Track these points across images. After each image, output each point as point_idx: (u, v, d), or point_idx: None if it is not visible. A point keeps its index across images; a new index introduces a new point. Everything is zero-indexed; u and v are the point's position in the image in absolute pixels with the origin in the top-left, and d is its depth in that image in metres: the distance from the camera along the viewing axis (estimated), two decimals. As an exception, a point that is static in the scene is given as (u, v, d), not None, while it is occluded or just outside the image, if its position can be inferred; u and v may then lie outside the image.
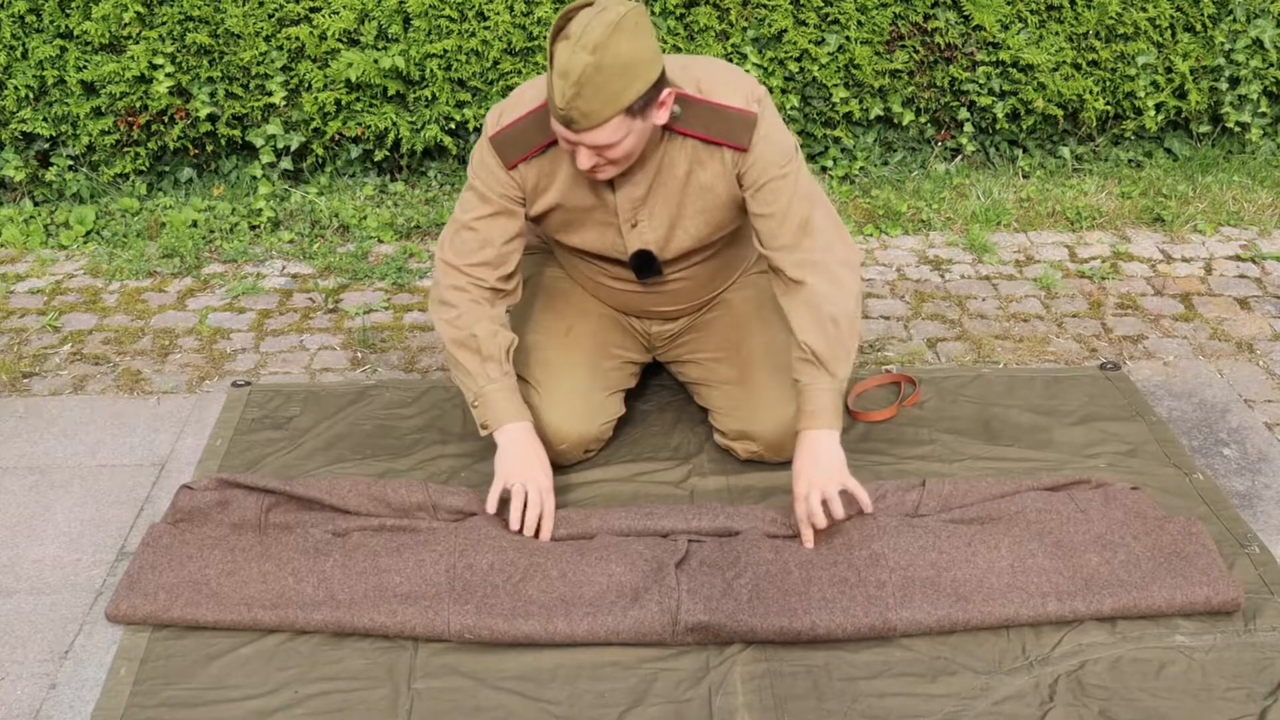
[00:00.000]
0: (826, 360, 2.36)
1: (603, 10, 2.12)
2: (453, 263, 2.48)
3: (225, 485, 2.52)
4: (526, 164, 2.42)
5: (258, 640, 2.20)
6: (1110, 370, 3.11)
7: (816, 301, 2.38)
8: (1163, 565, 2.27)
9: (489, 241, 2.47)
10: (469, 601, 2.20)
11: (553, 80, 2.14)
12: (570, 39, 2.11)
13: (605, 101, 2.14)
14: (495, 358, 2.46)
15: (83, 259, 3.86)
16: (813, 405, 2.38)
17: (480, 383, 2.46)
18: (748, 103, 2.34)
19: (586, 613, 2.18)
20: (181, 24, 3.99)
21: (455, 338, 2.47)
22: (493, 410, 2.46)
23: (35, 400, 3.05)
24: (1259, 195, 4.17)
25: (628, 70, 2.13)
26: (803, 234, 2.41)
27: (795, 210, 2.40)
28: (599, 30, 2.09)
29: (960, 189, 4.25)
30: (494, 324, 2.47)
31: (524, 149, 2.39)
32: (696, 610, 2.16)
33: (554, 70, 2.13)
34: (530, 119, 2.37)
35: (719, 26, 4.12)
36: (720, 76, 2.37)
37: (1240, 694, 2.07)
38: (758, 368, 2.67)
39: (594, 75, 2.10)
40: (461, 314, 2.47)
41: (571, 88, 2.12)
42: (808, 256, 2.40)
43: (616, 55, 2.11)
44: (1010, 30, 4.19)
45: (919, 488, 2.48)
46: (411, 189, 4.30)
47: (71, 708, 2.09)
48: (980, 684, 2.10)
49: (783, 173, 2.39)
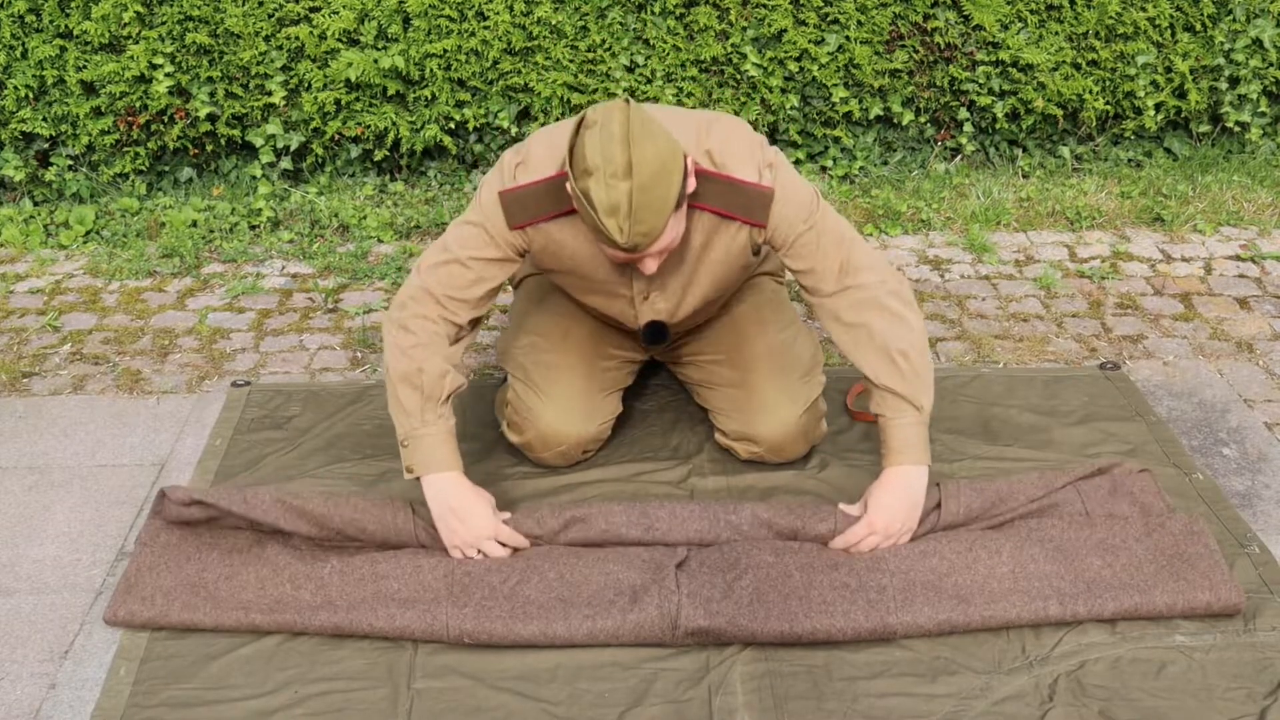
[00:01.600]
0: (907, 394, 2.33)
1: (605, 127, 2.08)
2: (432, 291, 2.37)
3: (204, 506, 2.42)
4: (534, 229, 2.36)
5: (258, 640, 2.20)
6: (1110, 370, 3.11)
7: (880, 341, 2.33)
8: (1165, 568, 2.27)
9: (480, 281, 2.38)
10: (467, 605, 2.20)
11: (601, 222, 2.09)
12: (597, 174, 2.07)
13: (658, 212, 2.10)
14: (436, 398, 2.34)
15: (82, 259, 3.86)
16: (899, 440, 2.34)
17: (413, 423, 2.34)
18: (761, 173, 2.30)
19: (586, 615, 2.18)
20: (181, 24, 3.98)
21: (401, 370, 2.34)
22: (421, 456, 2.34)
23: (35, 400, 3.05)
24: (1259, 195, 4.17)
25: (663, 173, 2.09)
26: (845, 276, 2.36)
27: (831, 257, 2.36)
28: (619, 152, 2.05)
29: (960, 189, 4.25)
30: (447, 364, 2.37)
31: (532, 215, 2.33)
32: (697, 615, 2.16)
33: (598, 212, 2.08)
34: (542, 188, 2.30)
35: (719, 26, 4.12)
36: (731, 144, 2.31)
37: (1240, 694, 2.07)
38: (758, 370, 2.66)
39: (641, 197, 2.07)
40: (418, 345, 2.35)
41: (626, 220, 2.08)
42: (859, 296, 2.36)
43: (649, 167, 2.07)
44: (1010, 30, 4.19)
45: (935, 510, 2.41)
46: (411, 189, 4.30)
47: (71, 708, 2.09)
48: (980, 684, 2.10)
49: (809, 226, 2.34)
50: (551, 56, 4.10)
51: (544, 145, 2.32)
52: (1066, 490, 2.48)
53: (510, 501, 2.57)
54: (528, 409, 2.64)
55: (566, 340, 2.70)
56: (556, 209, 2.31)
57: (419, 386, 2.34)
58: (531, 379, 2.66)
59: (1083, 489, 2.49)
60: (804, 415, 2.63)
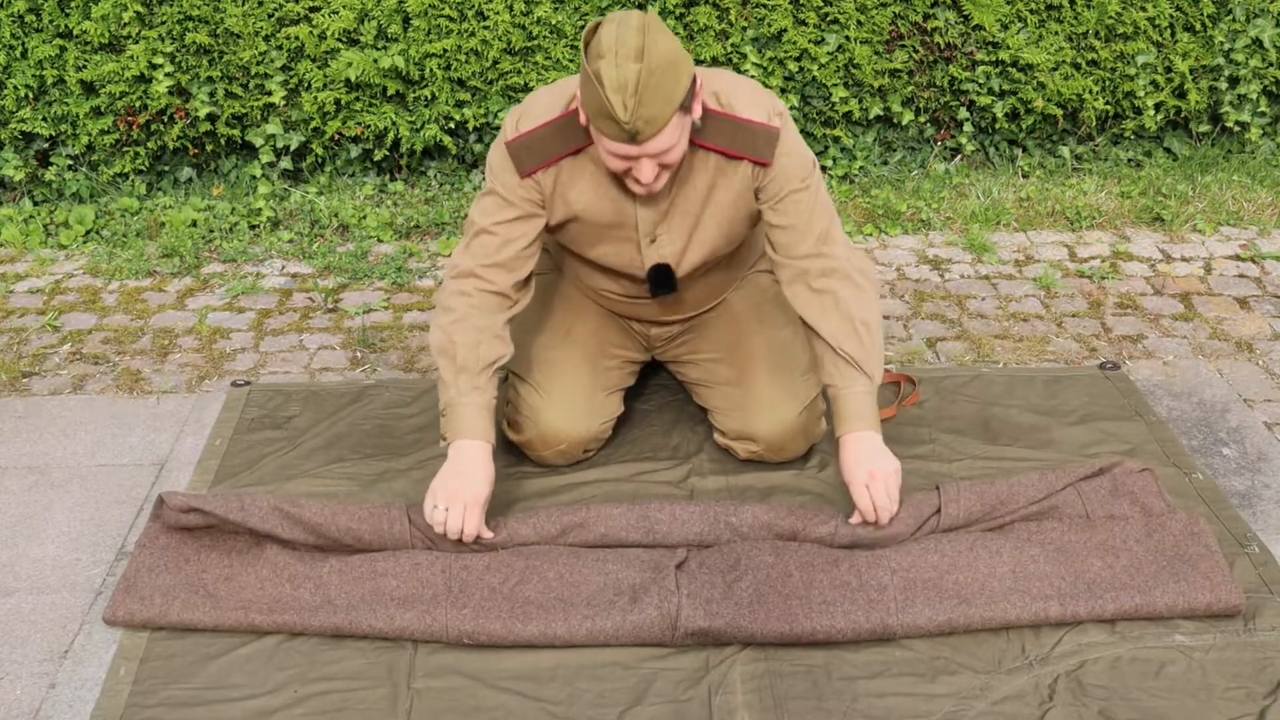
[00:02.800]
0: (863, 362, 2.37)
1: (622, 22, 2.12)
2: (464, 267, 2.41)
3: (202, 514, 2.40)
4: (544, 173, 2.38)
5: (257, 640, 2.20)
6: (1110, 370, 3.11)
7: (846, 308, 2.37)
8: (1165, 569, 2.27)
9: (509, 242, 2.41)
10: (466, 605, 2.20)
11: (607, 97, 2.10)
12: (609, 55, 2.10)
13: (663, 103, 2.12)
14: (469, 369, 2.36)
15: (82, 259, 3.86)
16: (854, 409, 2.37)
17: (451, 393, 2.37)
18: (769, 117, 2.33)
19: (586, 616, 2.18)
20: (181, 24, 3.99)
21: (439, 344, 2.40)
22: (454, 423, 2.36)
23: (35, 400, 3.05)
24: (1259, 195, 4.17)
25: (673, 66, 2.12)
26: (822, 244, 2.40)
27: (816, 222, 2.40)
28: (634, 38, 2.09)
29: (960, 189, 4.25)
30: (481, 334, 2.38)
31: (541, 158, 2.36)
32: (696, 616, 2.16)
33: (606, 88, 2.10)
34: (549, 129, 2.34)
35: (719, 26, 4.12)
36: (739, 90, 2.35)
37: (1240, 693, 2.07)
38: (757, 368, 2.66)
39: (649, 79, 2.09)
40: (456, 319, 2.39)
41: (632, 98, 2.09)
42: (830, 264, 2.40)
43: (660, 55, 2.10)
44: (1010, 30, 4.19)
45: (935, 515, 2.40)
46: (411, 188, 4.30)
47: (71, 707, 2.09)
48: (980, 684, 2.10)
49: (804, 185, 2.38)
50: (551, 56, 4.10)
51: (544, 95, 2.38)
52: (1067, 491, 2.47)
53: (510, 501, 2.58)
54: (529, 407, 2.64)
55: (569, 338, 2.70)
56: (564, 148, 2.35)
57: (453, 357, 2.37)
58: (533, 376, 2.66)
59: (1083, 490, 2.48)
60: (803, 413, 2.63)
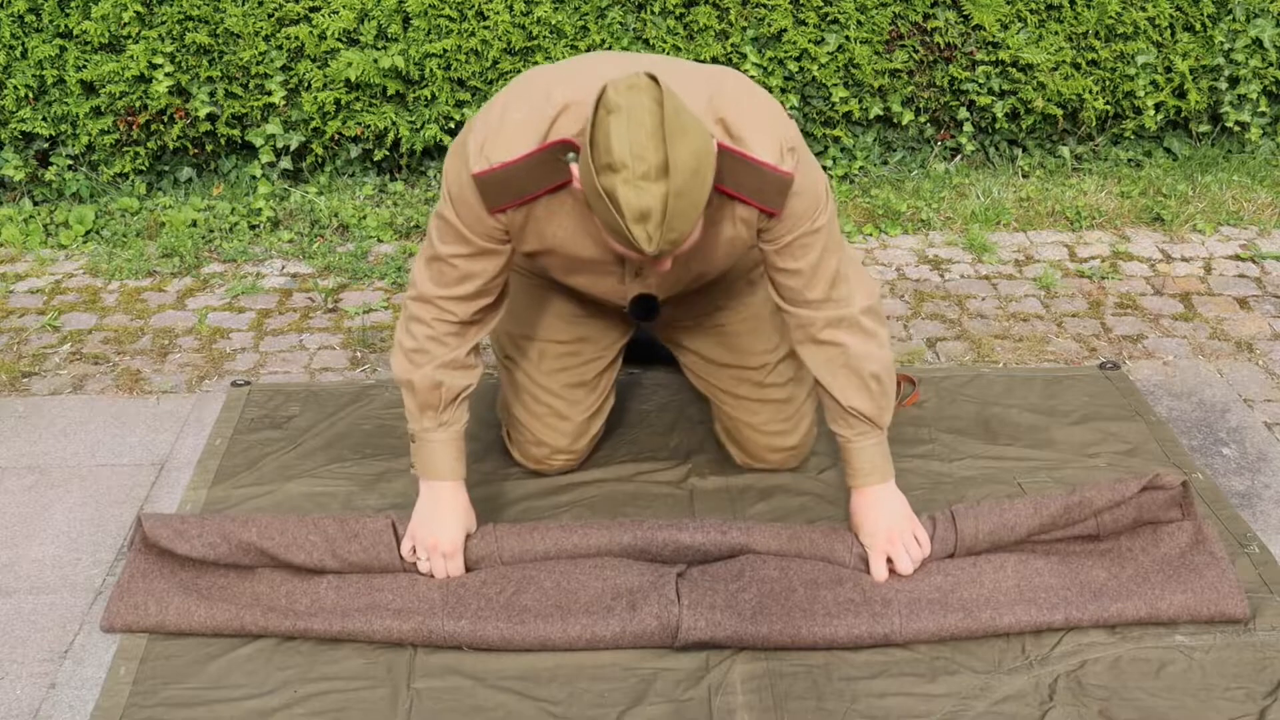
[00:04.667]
0: (874, 417, 2.26)
1: (631, 116, 1.80)
2: (423, 290, 2.20)
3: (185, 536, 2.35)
4: (515, 210, 2.10)
5: (257, 640, 2.20)
6: (1110, 370, 3.11)
7: (856, 363, 2.21)
8: (1171, 579, 2.25)
9: (469, 276, 2.17)
10: (463, 616, 2.18)
11: (629, 229, 1.84)
12: (624, 171, 1.80)
13: (691, 217, 1.87)
14: (432, 406, 2.23)
15: (82, 259, 3.86)
16: (866, 463, 2.29)
17: (414, 427, 2.27)
18: (782, 154, 2.03)
19: (584, 624, 2.16)
20: (181, 23, 3.98)
21: (400, 372, 2.25)
22: (422, 459, 2.28)
23: (35, 400, 3.04)
24: (1259, 195, 4.17)
25: (699, 173, 1.85)
26: (833, 288, 2.18)
27: (826, 264, 2.16)
28: (652, 148, 1.80)
29: (960, 189, 4.25)
30: (441, 373, 2.21)
31: (514, 196, 2.06)
32: (698, 628, 2.14)
33: (626, 217, 1.83)
34: (523, 165, 2.02)
35: (718, 26, 4.12)
36: (749, 115, 2.04)
37: (1240, 693, 2.06)
38: (759, 409, 2.58)
39: (676, 202, 1.83)
40: (416, 350, 2.22)
41: (658, 228, 1.84)
42: (837, 313, 2.19)
43: (686, 164, 1.82)
44: (1010, 30, 4.19)
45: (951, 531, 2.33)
46: (411, 188, 4.30)
47: (71, 707, 2.09)
48: (980, 684, 2.09)
49: (814, 226, 2.12)
50: (551, 56, 4.10)
51: (515, 111, 2.03)
52: (1087, 523, 2.37)
53: (509, 501, 2.58)
54: (515, 429, 2.61)
55: (542, 363, 2.54)
56: (541, 186, 2.05)
57: (413, 391, 2.24)
58: (514, 408, 2.60)
59: (1103, 521, 2.36)
60: (802, 439, 2.63)
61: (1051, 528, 2.36)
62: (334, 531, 2.31)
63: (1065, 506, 2.35)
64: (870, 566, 2.29)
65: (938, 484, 2.64)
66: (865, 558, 2.31)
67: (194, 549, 2.31)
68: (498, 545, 2.32)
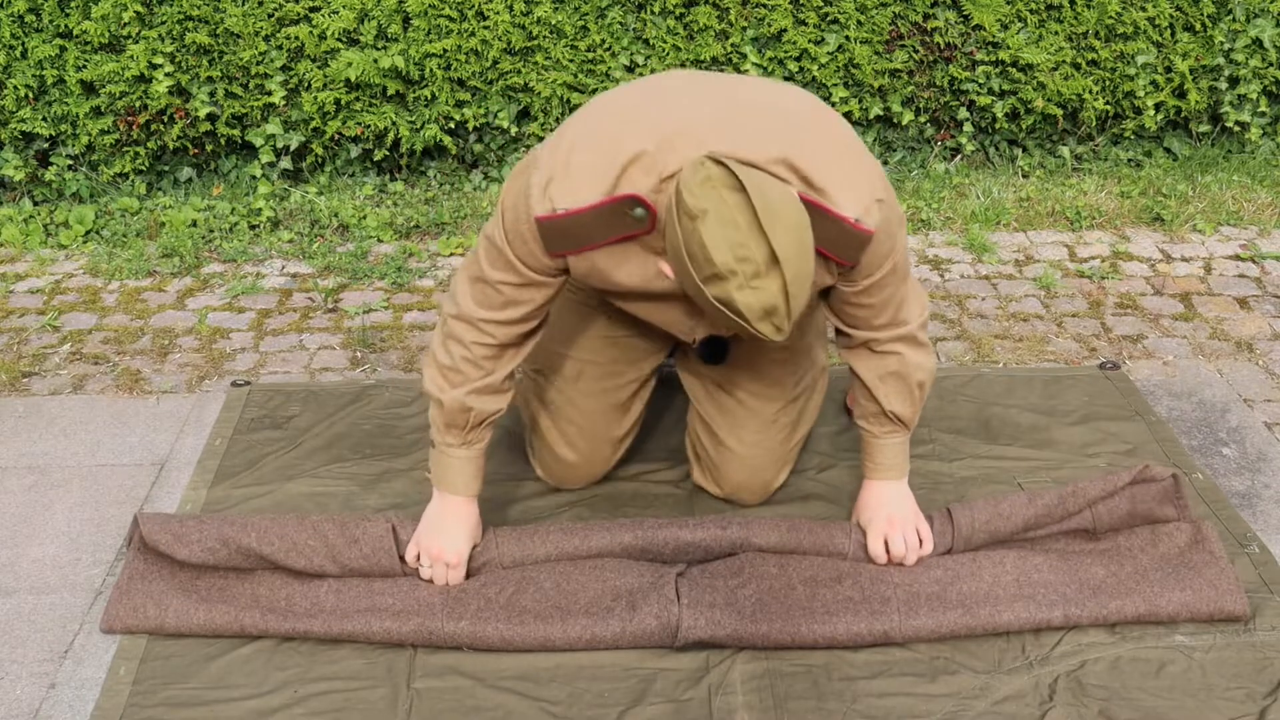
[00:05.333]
0: (908, 421, 2.31)
1: (722, 217, 1.75)
2: (464, 310, 2.13)
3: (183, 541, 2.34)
4: (577, 257, 2.03)
5: (257, 640, 2.20)
6: (1110, 370, 3.11)
7: (907, 371, 2.24)
8: (1170, 576, 2.26)
9: (512, 304, 2.11)
10: (463, 617, 2.19)
11: (756, 329, 1.81)
12: (735, 278, 1.77)
13: (807, 291, 1.84)
14: (458, 427, 2.20)
15: (82, 259, 3.86)
16: (888, 459, 2.34)
17: (438, 440, 2.25)
18: (867, 210, 1.95)
19: (584, 625, 2.17)
20: (181, 23, 3.99)
21: (431, 387, 2.21)
22: (440, 470, 2.26)
23: (35, 400, 3.04)
24: (1259, 195, 4.17)
25: (805, 249, 1.81)
26: (896, 312, 2.19)
27: (895, 296, 2.16)
28: (756, 246, 1.75)
29: (960, 189, 4.25)
30: (471, 398, 2.17)
31: (577, 244, 1.98)
32: (698, 627, 2.14)
33: (751, 320, 1.80)
34: (591, 215, 1.92)
35: (719, 26, 4.12)
36: (834, 163, 1.94)
37: (1240, 693, 2.07)
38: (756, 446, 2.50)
39: (794, 288, 1.79)
40: (449, 369, 2.18)
41: (785, 319, 1.81)
42: (899, 331, 2.21)
43: (793, 251, 1.77)
44: (1010, 30, 4.19)
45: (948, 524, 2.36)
46: (411, 188, 4.30)
47: (71, 707, 2.09)
48: (980, 684, 2.10)
49: (889, 267, 2.08)
50: (551, 56, 4.10)
51: (585, 154, 1.94)
52: (1082, 515, 2.40)
53: (511, 502, 2.58)
54: (543, 452, 2.56)
55: (579, 381, 2.48)
56: (604, 238, 1.97)
57: (441, 407, 2.20)
58: (539, 424, 2.53)
59: (1097, 511, 2.39)
60: (783, 481, 2.58)
61: (1047, 519, 2.37)
62: (334, 537, 2.30)
63: (1059, 497, 2.38)
64: (868, 545, 2.32)
65: (938, 484, 2.64)
66: (864, 545, 2.33)
67: (192, 554, 2.31)
68: (498, 551, 2.32)
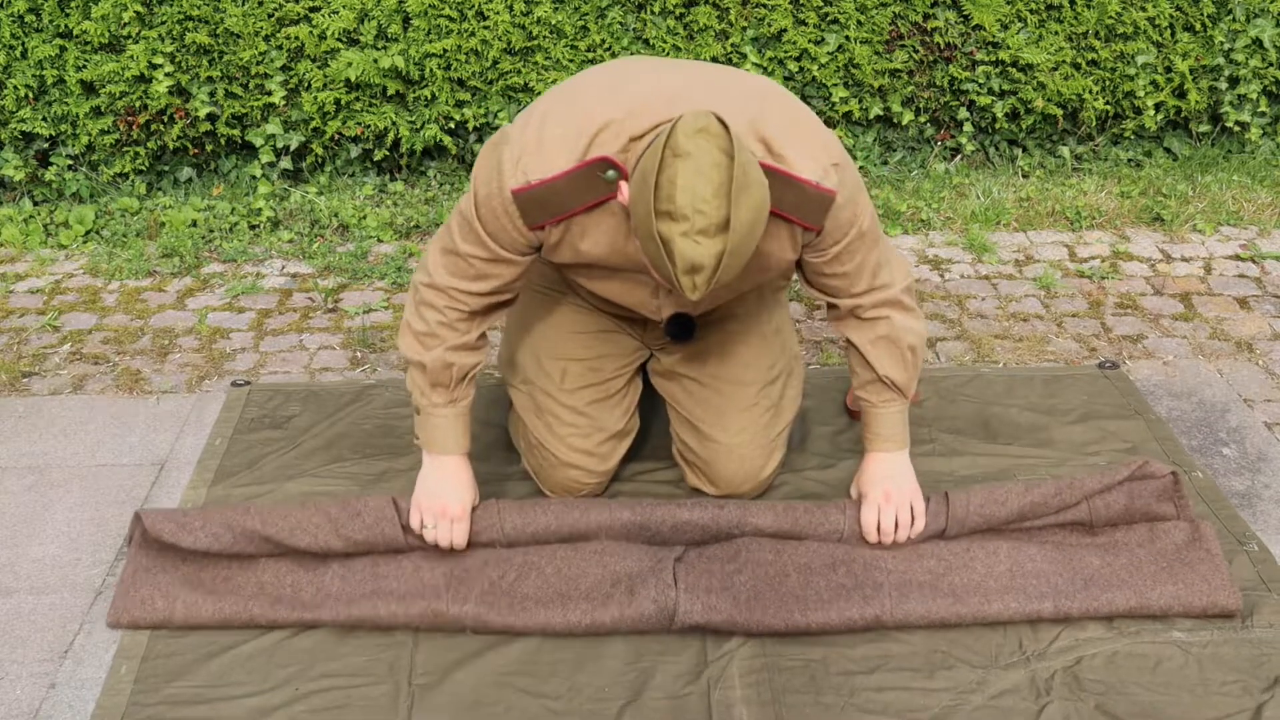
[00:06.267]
0: (905, 387, 2.34)
1: (699, 166, 1.78)
2: (437, 280, 2.20)
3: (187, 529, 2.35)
4: (553, 227, 2.08)
5: (258, 637, 2.21)
6: (1109, 369, 3.11)
7: (897, 335, 2.28)
8: (1164, 570, 2.27)
9: (483, 278, 2.17)
10: (467, 600, 2.22)
11: (678, 278, 1.86)
12: (684, 223, 1.80)
13: (738, 268, 1.88)
14: (443, 384, 2.25)
15: (82, 259, 3.86)
16: (887, 428, 2.36)
17: (423, 402, 2.28)
18: (825, 173, 2.02)
19: (584, 610, 2.20)
20: (181, 23, 3.99)
21: (409, 351, 2.25)
22: (428, 432, 2.30)
23: (35, 400, 3.05)
24: (1259, 195, 4.17)
25: (755, 227, 1.85)
26: (875, 277, 2.23)
27: (868, 261, 2.20)
28: (716, 205, 1.79)
29: (960, 189, 4.25)
30: (452, 354, 2.23)
31: (552, 213, 2.04)
32: (694, 612, 2.17)
33: (677, 266, 1.84)
34: (562, 183, 2.00)
35: (719, 26, 4.12)
36: (793, 134, 2.02)
37: (1236, 688, 2.07)
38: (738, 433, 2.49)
39: (729, 259, 1.84)
40: (426, 334, 2.23)
41: (706, 281, 1.85)
42: (882, 296, 2.25)
43: (745, 224, 1.82)
44: (1010, 30, 4.19)
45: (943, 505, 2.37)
46: (411, 188, 4.30)
47: (71, 707, 2.09)
48: (977, 678, 2.10)
49: (857, 231, 2.14)
50: (551, 56, 4.11)
51: (555, 126, 2.01)
52: (1079, 507, 2.40)
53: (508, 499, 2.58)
54: (538, 452, 2.53)
55: (565, 380, 2.49)
56: (579, 204, 2.03)
57: (423, 368, 2.25)
58: (540, 434, 2.51)
59: (1094, 505, 2.39)
60: (774, 470, 2.57)
61: (1043, 508, 2.38)
62: (336, 512, 2.33)
63: (1057, 488, 2.39)
64: (860, 516, 2.34)
65: (938, 483, 2.64)
66: (859, 519, 2.34)
67: (198, 541, 2.32)
68: (500, 519, 2.35)
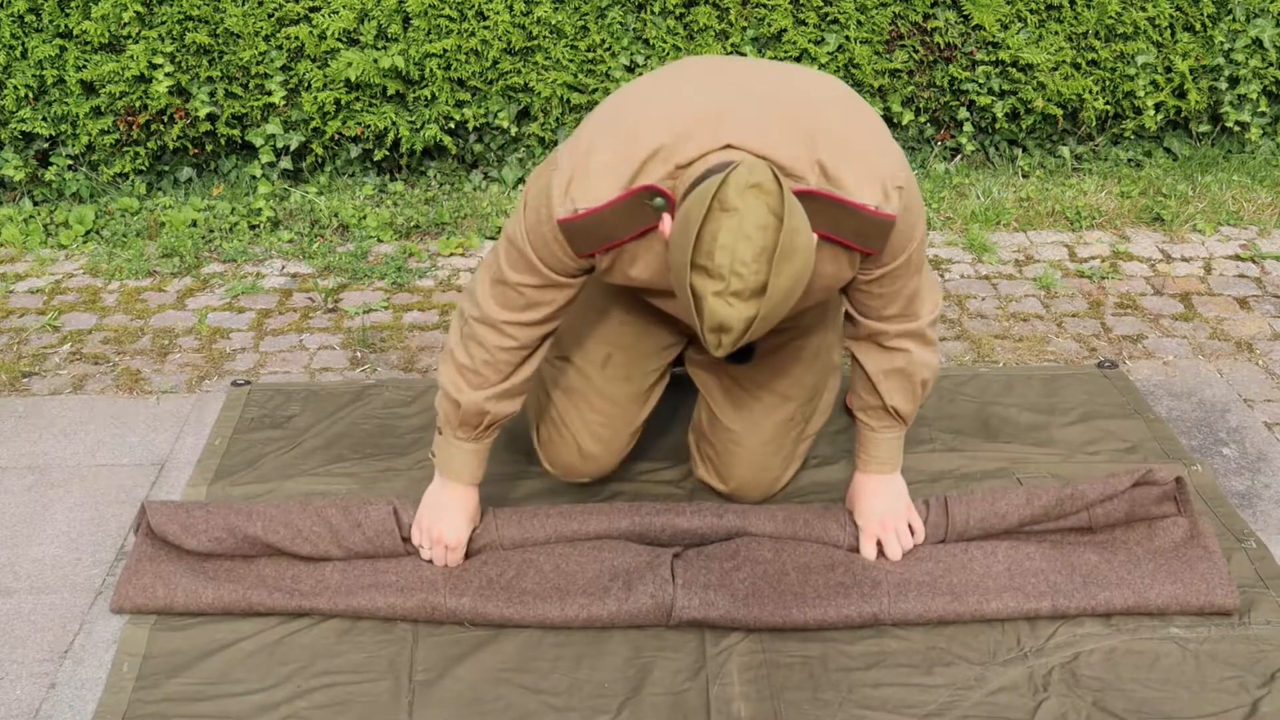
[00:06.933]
0: (908, 416, 2.31)
1: (745, 226, 1.70)
2: (485, 313, 2.13)
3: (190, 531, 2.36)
4: (603, 254, 2.03)
5: (260, 634, 2.21)
6: (1108, 369, 3.11)
7: (912, 369, 2.23)
8: (1162, 568, 2.27)
9: (536, 305, 2.10)
10: (465, 594, 2.23)
11: (703, 334, 1.80)
12: (718, 282, 1.73)
13: (764, 331, 1.81)
14: (470, 425, 2.22)
15: (82, 259, 3.86)
16: (883, 452, 2.34)
17: (448, 432, 2.26)
18: (886, 194, 1.93)
19: (581, 605, 2.20)
20: (181, 23, 3.99)
21: (447, 383, 2.21)
22: (445, 458, 2.28)
23: (35, 400, 3.05)
24: (1258, 195, 4.18)
25: (791, 294, 1.77)
26: (908, 304, 2.17)
27: (907, 288, 2.14)
28: (755, 270, 1.71)
29: (960, 189, 4.26)
30: (489, 401, 2.19)
31: (601, 242, 1.98)
32: (691, 607, 2.18)
33: (704, 323, 1.78)
34: (609, 212, 1.93)
35: (719, 26, 4.12)
36: (852, 149, 1.93)
37: (1233, 684, 2.07)
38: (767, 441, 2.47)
39: (759, 325, 1.77)
40: (469, 369, 2.18)
41: (732, 343, 1.79)
42: (909, 326, 2.19)
43: (781, 291, 1.74)
44: (1010, 30, 4.19)
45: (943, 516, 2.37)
46: (411, 188, 4.31)
47: (71, 707, 2.09)
48: (975, 675, 2.10)
49: (907, 258, 2.07)
50: (551, 56, 4.11)
51: (603, 153, 1.94)
52: (1079, 516, 2.39)
53: (512, 501, 2.58)
54: (555, 429, 2.49)
55: (606, 367, 2.43)
56: (627, 233, 1.97)
57: (456, 404, 2.21)
58: (560, 407, 2.47)
59: (1094, 513, 2.39)
60: (789, 479, 2.57)
61: (1044, 519, 2.38)
62: (337, 521, 2.33)
63: (1058, 499, 2.37)
64: (860, 547, 2.35)
65: (937, 481, 2.65)
66: (859, 547, 2.35)
67: (200, 544, 2.34)
68: (498, 534, 2.35)
